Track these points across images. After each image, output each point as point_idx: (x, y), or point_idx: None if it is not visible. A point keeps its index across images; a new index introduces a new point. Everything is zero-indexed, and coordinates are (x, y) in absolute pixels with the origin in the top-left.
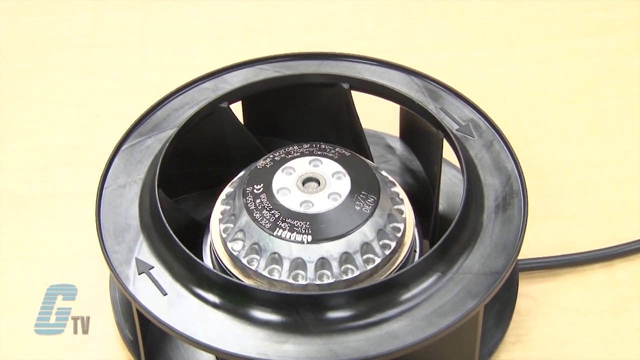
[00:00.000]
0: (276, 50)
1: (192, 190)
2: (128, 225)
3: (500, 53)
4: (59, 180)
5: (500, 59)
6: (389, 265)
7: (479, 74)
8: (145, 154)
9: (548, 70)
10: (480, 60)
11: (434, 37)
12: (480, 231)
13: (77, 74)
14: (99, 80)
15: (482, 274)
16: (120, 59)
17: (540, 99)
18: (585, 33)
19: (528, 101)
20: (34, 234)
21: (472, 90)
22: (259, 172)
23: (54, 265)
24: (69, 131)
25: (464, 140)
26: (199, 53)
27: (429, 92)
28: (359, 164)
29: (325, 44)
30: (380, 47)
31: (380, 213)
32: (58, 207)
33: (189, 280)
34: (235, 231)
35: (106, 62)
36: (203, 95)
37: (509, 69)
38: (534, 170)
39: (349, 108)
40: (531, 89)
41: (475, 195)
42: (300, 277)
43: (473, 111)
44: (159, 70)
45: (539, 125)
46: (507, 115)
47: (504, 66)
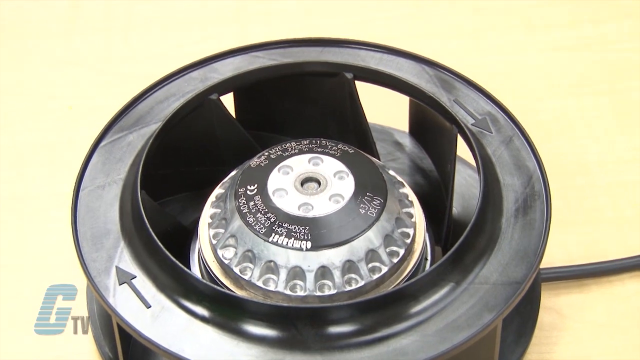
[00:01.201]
0: (272, 36)
1: (178, 192)
2: (107, 231)
3: (521, 39)
4: (30, 180)
5: (521, 45)
6: (397, 275)
7: (497, 63)
8: (126, 151)
9: (574, 58)
10: (499, 47)
11: (447, 22)
12: (498, 237)
13: (52, 63)
14: (76, 69)
15: (500, 285)
16: (100, 46)
17: (565, 90)
18: (615, 17)
19: (551, 92)
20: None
21: (490, 80)
22: (253, 171)
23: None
24: (42, 126)
25: (480, 136)
26: (186, 39)
27: (442, 82)
28: (364, 162)
29: (326, 29)
30: (388, 33)
31: (387, 217)
32: (30, 210)
33: (175, 292)
34: (227, 237)
35: (85, 50)
36: (190, 86)
37: (530, 57)
38: (558, 170)
39: (353, 100)
40: (555, 79)
41: (492, 197)
42: (298, 287)
43: (490, 103)
44: (142, 59)
45: (563, 119)
46: (528, 108)
47: (525, 54)
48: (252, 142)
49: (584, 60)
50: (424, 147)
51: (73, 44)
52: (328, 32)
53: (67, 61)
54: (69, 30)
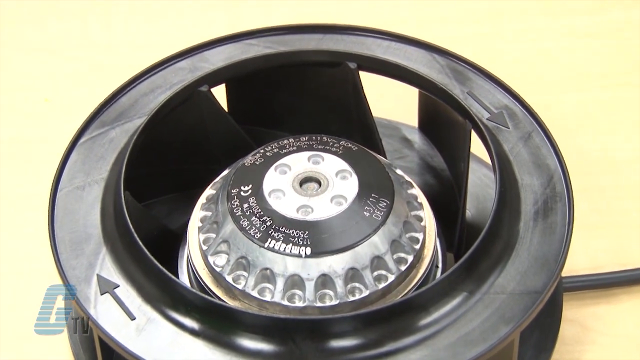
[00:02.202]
0: (268, 22)
1: (165, 193)
2: (88, 235)
3: (541, 25)
4: (2, 179)
5: (541, 32)
6: (405, 284)
7: (515, 51)
8: (108, 148)
9: (600, 46)
10: (517, 34)
11: (461, 6)
12: (515, 242)
13: (26, 52)
14: (52, 58)
15: (517, 294)
16: (79, 33)
17: (590, 81)
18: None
19: (575, 84)
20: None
21: (507, 70)
22: (247, 170)
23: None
24: (15, 120)
25: (496, 132)
26: (173, 25)
27: (454, 73)
28: (369, 160)
29: (328, 15)
30: (395, 18)
31: (394, 220)
32: (2, 212)
33: (162, 302)
34: (218, 242)
35: (62, 38)
36: (178, 77)
37: (552, 45)
38: (581, 168)
39: (357, 92)
40: (579, 69)
41: (509, 198)
42: (297, 298)
43: (508, 96)
44: (125, 47)
45: (587, 113)
46: (549, 101)
47: (546, 41)
48: (246, 138)
49: (611, 49)
50: (434, 144)
51: (49, 30)
52: (329, 18)
53: (42, 49)
54: (44, 14)
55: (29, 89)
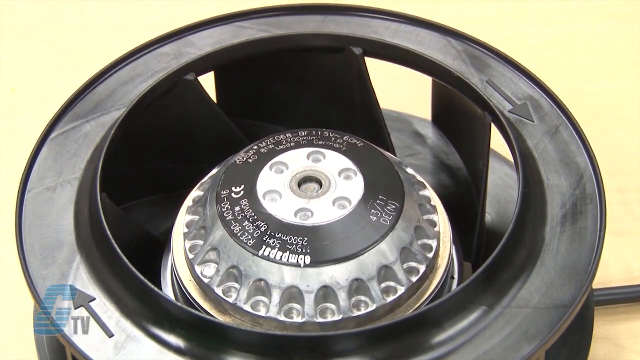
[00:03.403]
0: (262, 2)
1: (146, 195)
2: (60, 242)
3: (570, 6)
4: None
5: (570, 13)
6: (417, 297)
7: (540, 35)
8: (82, 144)
9: (638, 29)
10: (542, 16)
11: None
12: (540, 250)
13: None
14: (20, 43)
15: (543, 308)
16: (50, 15)
17: (625, 69)
18: None
19: (608, 72)
20: None
21: (532, 56)
22: (239, 169)
23: None
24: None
25: (519, 126)
26: (156, 6)
27: (472, 59)
28: (376, 158)
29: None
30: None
31: (404, 225)
32: None
33: (143, 317)
34: (206, 250)
35: (30, 19)
36: (161, 64)
37: (582, 28)
38: (614, 167)
39: (363, 81)
40: (613, 55)
41: (534, 200)
42: (295, 312)
43: (532, 85)
44: (102, 30)
45: (622, 105)
46: (580, 90)
47: (575, 23)
48: (238, 132)
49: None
50: (450, 140)
51: (16, 11)
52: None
53: (7, 32)
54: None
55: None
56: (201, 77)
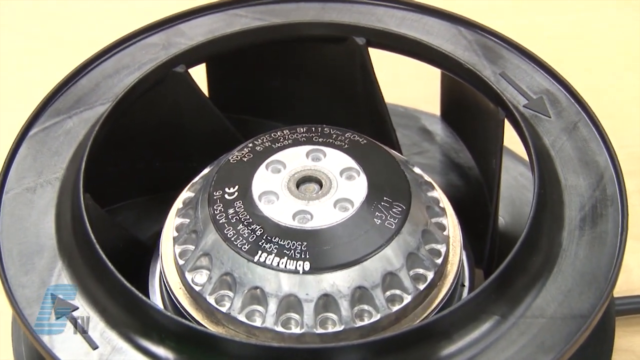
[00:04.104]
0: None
1: (133, 196)
2: (40, 247)
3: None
4: None
5: (590, 1)
6: (425, 306)
7: (558, 24)
8: (64, 141)
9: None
10: (560, 3)
11: None
12: (557, 256)
13: None
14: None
15: (560, 319)
16: (31, 4)
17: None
18: None
19: (630, 64)
20: None
21: (548, 47)
22: (233, 168)
23: None
24: None
25: (535, 122)
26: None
27: (485, 50)
28: (380, 156)
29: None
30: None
31: (411, 229)
32: None
33: (130, 328)
34: (198, 256)
35: (8, 9)
36: (149, 55)
37: (604, 16)
38: (638, 166)
39: (366, 74)
40: (636, 47)
41: (551, 202)
42: (293, 323)
43: (549, 78)
44: (85, 18)
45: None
46: (600, 84)
47: (596, 11)
48: (231, 129)
49: None
50: (460, 137)
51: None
52: None
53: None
54: None
55: None
56: (192, 70)
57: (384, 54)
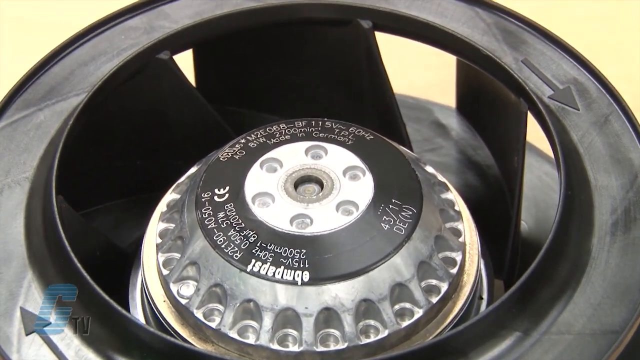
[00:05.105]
0: None
1: (112, 198)
2: (8, 255)
3: None
4: None
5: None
6: (438, 321)
7: (587, 5)
8: (34, 137)
9: None
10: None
11: None
12: (586, 264)
13: None
14: None
15: (589, 334)
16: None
17: None
18: None
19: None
20: None
21: (577, 31)
22: (223, 167)
23: None
24: None
25: (561, 115)
26: None
27: (505, 34)
28: (388, 153)
29: None
30: None
31: (422, 235)
32: None
33: (108, 345)
34: (184, 265)
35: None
36: (129, 40)
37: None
38: None
39: (373, 61)
40: None
41: (579, 205)
42: (290, 340)
43: (577, 66)
44: (57, 1)
45: None
46: (634, 72)
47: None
48: (221, 122)
49: None
50: (478, 131)
51: None
52: None
53: None
54: None
55: None
56: (177, 57)
57: (393, 39)
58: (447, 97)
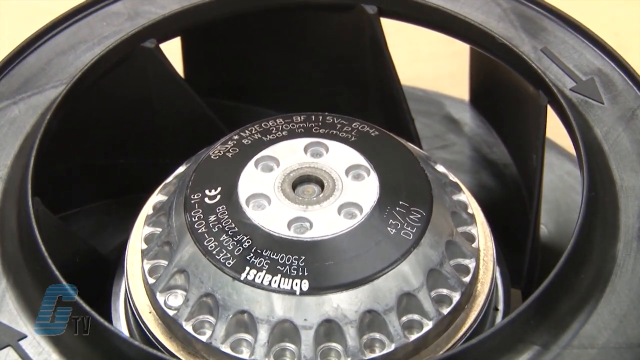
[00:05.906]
0: None
1: (92, 200)
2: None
3: None
4: None
5: None
6: (449, 335)
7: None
8: (8, 133)
9: None
10: None
11: None
12: (611, 272)
13: None
14: None
15: (613, 348)
16: None
17: None
18: None
19: None
20: None
21: (600, 18)
22: (214, 166)
23: None
24: None
25: (584, 109)
26: None
27: (523, 21)
28: (395, 151)
29: None
30: None
31: (432, 241)
32: None
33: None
34: (172, 273)
35: None
36: (112, 27)
37: None
38: None
39: (378, 50)
40: None
41: (603, 208)
42: (288, 355)
43: (601, 55)
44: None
45: None
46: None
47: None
48: (213, 117)
49: None
50: (493, 127)
51: None
52: None
53: None
54: None
55: None
56: (164, 45)
57: (400, 26)
58: (459, 89)
